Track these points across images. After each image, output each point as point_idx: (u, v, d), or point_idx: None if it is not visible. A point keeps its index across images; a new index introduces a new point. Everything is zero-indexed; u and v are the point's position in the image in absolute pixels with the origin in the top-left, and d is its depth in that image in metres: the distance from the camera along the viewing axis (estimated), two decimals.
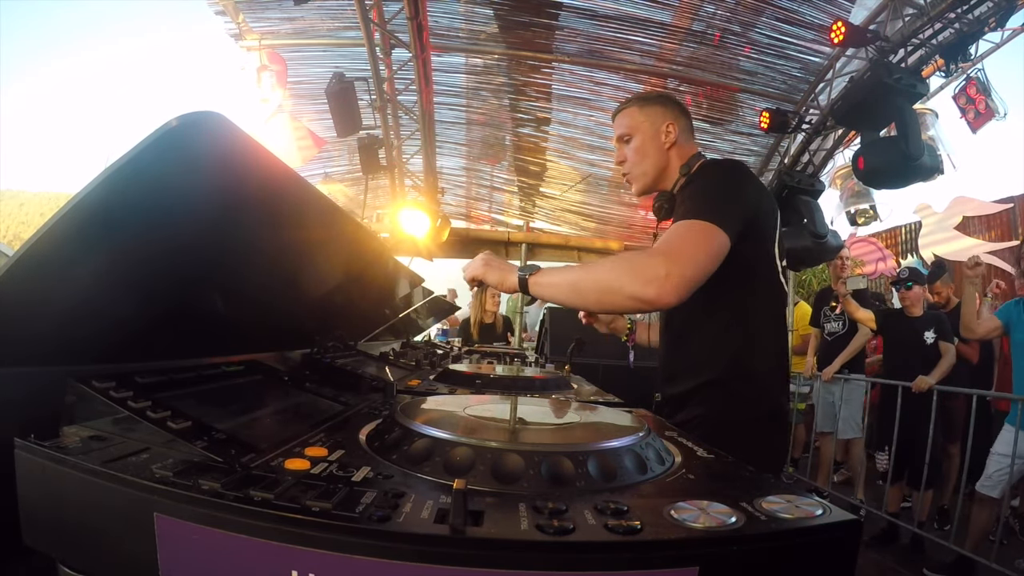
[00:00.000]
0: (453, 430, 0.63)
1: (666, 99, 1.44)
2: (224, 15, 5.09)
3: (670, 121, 1.38)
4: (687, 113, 1.43)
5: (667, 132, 1.37)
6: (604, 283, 1.07)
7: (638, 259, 1.08)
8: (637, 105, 1.41)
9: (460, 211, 7.98)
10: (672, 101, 1.44)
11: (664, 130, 1.37)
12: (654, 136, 1.38)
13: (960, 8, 3.61)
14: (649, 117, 1.38)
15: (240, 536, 0.44)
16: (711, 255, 1.09)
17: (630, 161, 1.40)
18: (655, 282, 1.02)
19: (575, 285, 1.11)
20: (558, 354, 2.57)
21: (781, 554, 0.46)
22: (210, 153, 0.62)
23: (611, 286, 1.06)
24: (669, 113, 1.39)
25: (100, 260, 0.62)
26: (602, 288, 1.08)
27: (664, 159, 1.38)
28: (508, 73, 5.69)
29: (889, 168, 3.78)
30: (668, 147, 1.38)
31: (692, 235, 1.10)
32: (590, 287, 1.10)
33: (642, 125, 1.39)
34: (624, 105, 1.44)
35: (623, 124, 1.41)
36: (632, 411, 1.03)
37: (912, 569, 3.10)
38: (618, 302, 1.07)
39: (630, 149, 1.40)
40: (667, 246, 1.08)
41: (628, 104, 1.43)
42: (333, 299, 1.41)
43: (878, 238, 8.55)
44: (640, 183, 1.41)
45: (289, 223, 0.92)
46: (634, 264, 1.07)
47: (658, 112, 1.39)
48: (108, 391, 0.63)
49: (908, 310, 3.63)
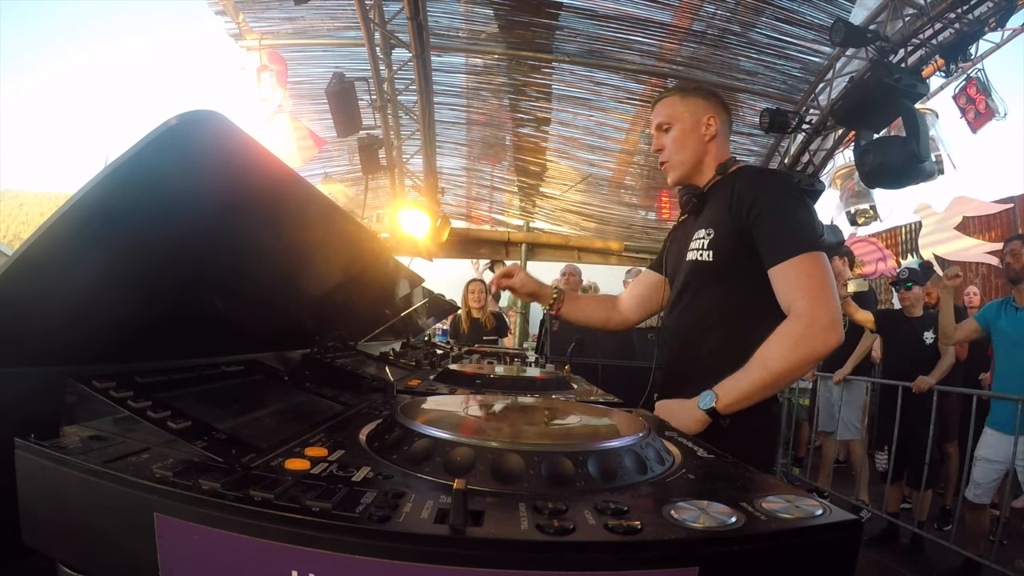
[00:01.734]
0: (453, 430, 0.63)
1: (709, 92, 1.43)
2: (224, 15, 5.09)
3: (712, 114, 1.36)
4: (728, 110, 1.42)
5: (708, 125, 1.36)
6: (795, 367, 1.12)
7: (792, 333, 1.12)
8: (679, 94, 1.40)
9: (460, 211, 7.98)
10: (715, 95, 1.42)
11: (705, 122, 1.36)
12: (694, 127, 1.36)
13: (960, 8, 3.61)
14: (690, 108, 1.37)
15: (240, 536, 0.44)
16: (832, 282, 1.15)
17: (668, 150, 1.38)
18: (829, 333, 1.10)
19: (770, 386, 1.14)
20: (558, 354, 2.57)
21: (781, 554, 0.46)
22: (210, 152, 0.62)
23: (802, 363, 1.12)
24: (711, 106, 1.37)
25: (100, 260, 0.62)
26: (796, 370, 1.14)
27: (703, 151, 1.36)
28: (508, 73, 5.69)
29: (896, 167, 3.78)
30: (708, 140, 1.36)
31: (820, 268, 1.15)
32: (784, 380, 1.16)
33: (683, 115, 1.37)
34: (666, 93, 1.42)
35: (663, 112, 1.39)
36: (632, 411, 1.03)
37: (913, 569, 3.10)
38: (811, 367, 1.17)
39: (669, 138, 1.38)
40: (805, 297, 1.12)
41: (670, 92, 1.42)
42: (333, 299, 1.41)
43: (878, 238, 8.55)
44: (677, 172, 1.39)
45: (289, 223, 0.92)
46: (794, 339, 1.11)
47: (700, 104, 1.37)
48: (108, 391, 0.63)
49: (908, 311, 3.63)
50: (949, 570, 3.02)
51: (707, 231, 1.27)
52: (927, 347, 3.53)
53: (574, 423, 0.83)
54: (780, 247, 1.16)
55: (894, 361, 3.69)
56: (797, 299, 1.12)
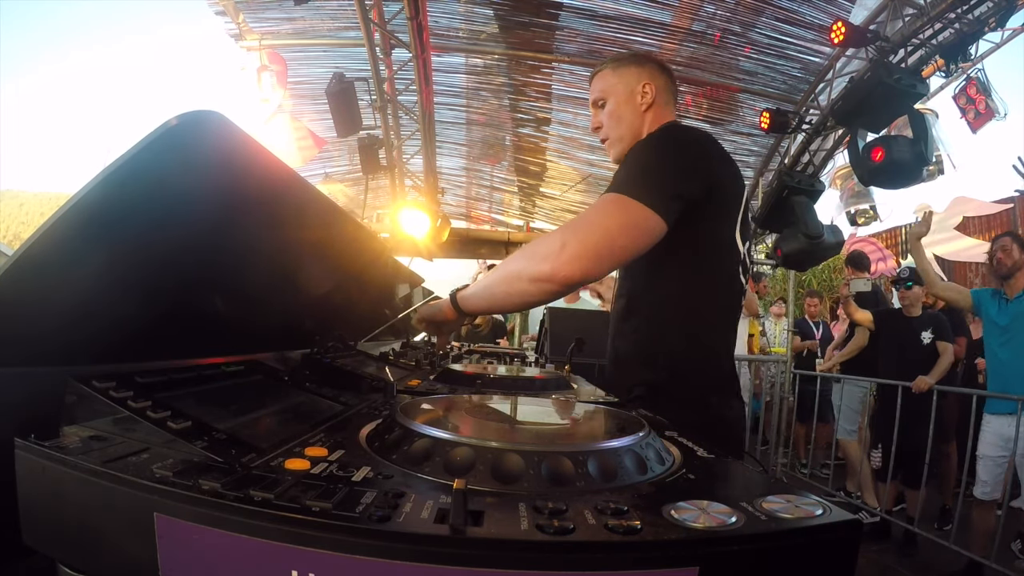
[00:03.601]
0: (453, 430, 0.63)
1: (642, 58, 1.34)
2: (224, 15, 5.09)
3: (646, 81, 1.27)
4: (667, 72, 1.32)
5: (643, 93, 1.26)
6: (508, 273, 1.00)
7: (536, 241, 1.00)
8: (611, 67, 1.32)
9: (460, 211, 7.99)
10: (650, 60, 1.34)
11: (640, 91, 1.26)
12: (628, 98, 1.27)
13: (960, 8, 3.61)
14: (623, 79, 1.28)
15: (240, 536, 0.44)
16: (625, 230, 0.98)
17: (606, 126, 1.30)
18: (549, 257, 0.94)
19: (488, 287, 1.05)
20: (558, 354, 2.56)
21: (781, 554, 0.46)
22: (210, 153, 0.62)
23: (512, 273, 0.99)
24: (644, 73, 1.28)
25: (100, 260, 0.62)
26: (507, 279, 1.00)
27: (640, 122, 1.27)
28: (508, 73, 5.69)
29: (903, 166, 3.78)
30: (644, 109, 1.26)
31: (603, 207, 1.00)
32: (497, 283, 1.02)
33: (616, 87, 1.29)
34: (598, 68, 1.35)
35: (597, 88, 1.32)
36: (632, 411, 1.03)
37: (912, 569, 3.10)
38: (522, 290, 0.98)
39: (605, 113, 1.30)
40: (571, 220, 1.02)
41: (602, 66, 1.34)
42: (333, 299, 1.41)
43: (878, 238, 8.56)
44: (617, 148, 1.29)
45: (289, 223, 0.92)
46: (531, 245, 1.00)
47: (632, 72, 1.28)
48: (108, 391, 0.63)
49: (907, 310, 3.63)
50: (951, 571, 3.01)
51: None
52: (925, 347, 3.54)
53: (574, 423, 0.83)
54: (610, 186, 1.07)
55: (892, 360, 3.70)
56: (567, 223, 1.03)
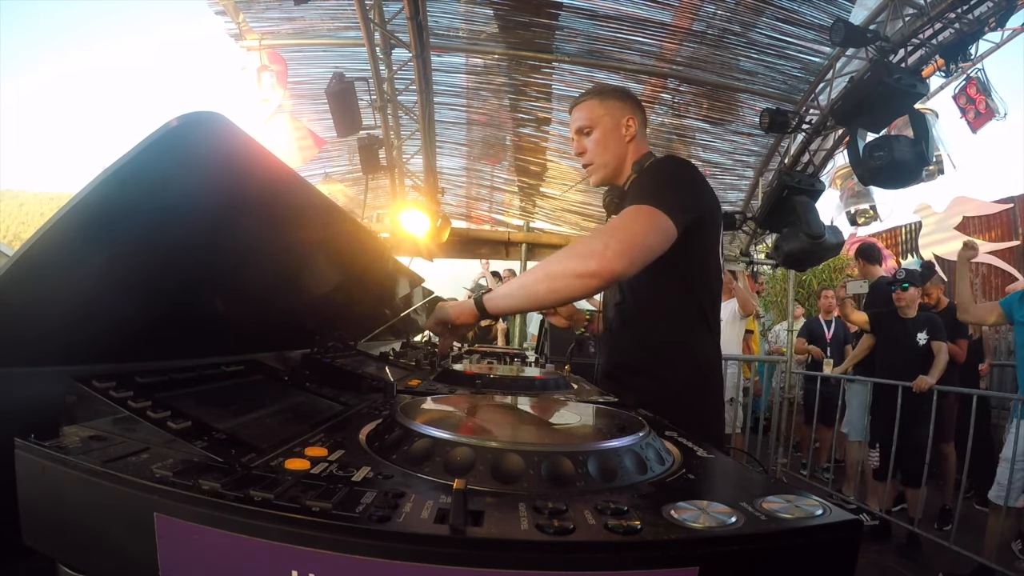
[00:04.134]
0: (453, 430, 0.63)
1: (624, 93, 1.46)
2: (224, 15, 5.09)
3: (629, 116, 1.40)
4: (643, 109, 1.46)
5: (627, 126, 1.40)
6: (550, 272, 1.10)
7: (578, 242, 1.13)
8: (597, 98, 1.42)
9: (460, 211, 7.98)
10: (630, 96, 1.46)
11: (624, 123, 1.40)
12: (614, 129, 1.40)
13: (960, 8, 3.61)
14: (609, 110, 1.40)
15: (240, 536, 0.44)
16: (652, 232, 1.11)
17: (591, 152, 1.42)
18: (595, 255, 1.06)
19: (526, 287, 1.13)
20: (558, 354, 2.57)
21: (781, 554, 0.46)
22: (210, 153, 0.62)
23: (556, 272, 1.09)
24: (628, 108, 1.41)
25: (100, 260, 0.62)
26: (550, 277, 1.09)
27: (623, 152, 1.41)
28: (508, 73, 5.69)
29: (903, 166, 3.78)
30: (628, 140, 1.41)
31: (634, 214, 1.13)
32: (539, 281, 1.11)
33: (603, 118, 1.40)
34: (583, 97, 1.45)
35: (582, 116, 1.42)
36: (632, 411, 1.03)
37: (913, 570, 3.10)
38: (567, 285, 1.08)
39: (590, 141, 1.42)
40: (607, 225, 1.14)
41: (587, 96, 1.44)
42: (333, 299, 1.41)
43: (878, 238, 8.56)
44: (600, 174, 1.44)
45: (289, 223, 0.92)
46: (574, 247, 1.12)
47: (617, 106, 1.41)
48: (108, 391, 0.63)
49: (902, 311, 3.63)
50: (952, 572, 3.01)
51: None
52: (920, 348, 3.54)
53: (574, 423, 0.83)
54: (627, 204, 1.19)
55: (888, 362, 3.70)
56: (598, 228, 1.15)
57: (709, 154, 6.14)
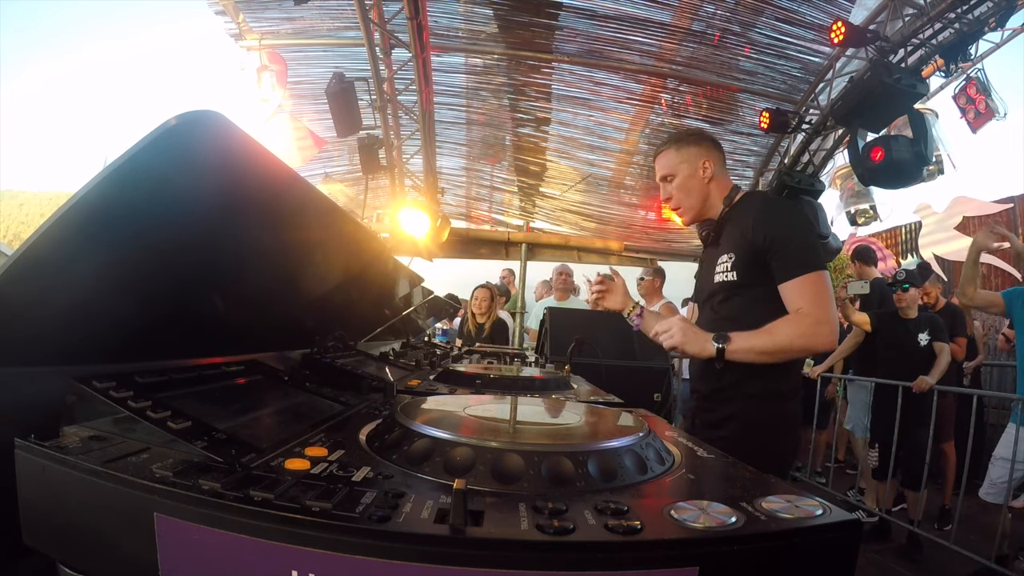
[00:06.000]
0: (453, 430, 0.63)
1: (700, 137, 1.57)
2: (224, 15, 5.09)
3: (705, 159, 1.52)
4: (720, 147, 1.57)
5: (704, 168, 1.52)
6: (784, 348, 1.32)
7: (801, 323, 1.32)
8: (674, 147, 1.54)
9: (460, 211, 7.97)
10: (705, 137, 1.57)
11: (701, 166, 1.52)
12: (693, 174, 1.52)
13: (960, 8, 3.61)
14: (686, 158, 1.52)
15: (240, 536, 0.44)
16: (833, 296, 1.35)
17: (676, 198, 1.55)
18: (830, 336, 1.31)
19: (767, 352, 1.33)
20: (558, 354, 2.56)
21: (781, 554, 0.46)
22: (210, 153, 0.62)
23: (790, 348, 1.32)
24: (702, 151, 1.53)
25: (100, 260, 0.62)
26: (783, 351, 1.33)
27: (706, 191, 1.53)
28: (508, 73, 5.69)
29: (902, 166, 3.78)
30: (708, 181, 1.52)
31: (822, 287, 1.34)
32: (775, 353, 1.33)
33: (681, 166, 1.52)
34: (662, 147, 1.57)
35: (664, 166, 1.55)
36: (632, 411, 1.03)
37: (912, 570, 3.10)
38: (802, 355, 1.41)
39: (674, 188, 1.54)
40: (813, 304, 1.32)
41: (666, 146, 1.56)
42: (333, 299, 1.41)
43: (878, 238, 8.56)
44: (689, 215, 1.56)
45: (289, 223, 0.92)
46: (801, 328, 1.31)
47: (693, 152, 1.52)
48: (108, 391, 0.63)
49: (903, 312, 3.63)
50: (953, 572, 3.01)
51: (729, 255, 1.44)
52: (922, 348, 3.53)
53: (574, 423, 0.83)
54: (791, 266, 1.35)
55: (889, 362, 3.69)
56: (805, 303, 1.32)
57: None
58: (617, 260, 7.33)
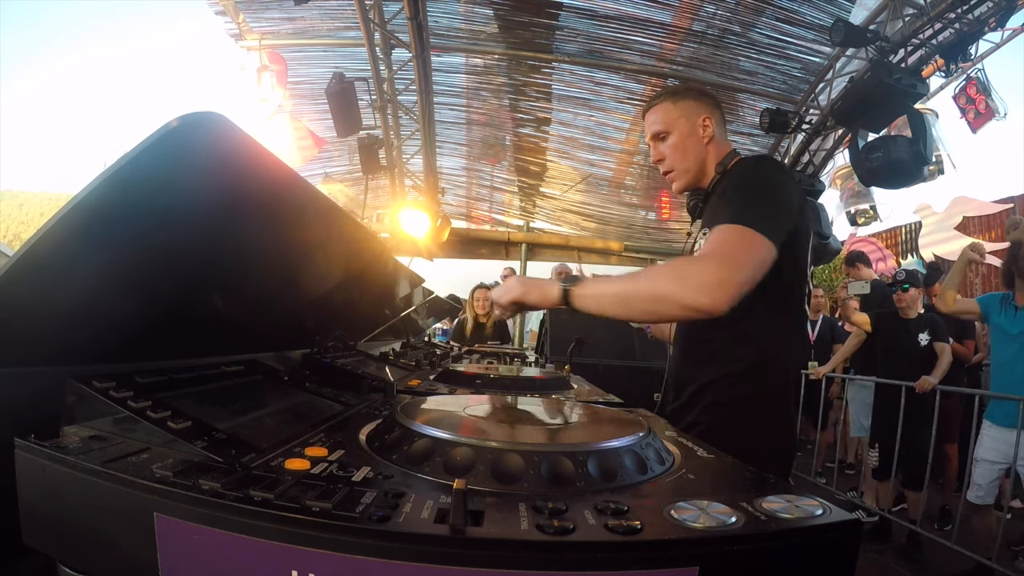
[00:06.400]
0: (453, 430, 0.63)
1: (699, 91, 1.36)
2: (224, 15, 5.09)
3: (706, 115, 1.31)
4: (720, 106, 1.36)
5: (704, 126, 1.30)
6: (654, 293, 1.02)
7: (689, 267, 1.04)
8: (671, 100, 1.33)
9: (460, 211, 7.98)
10: (705, 92, 1.37)
11: (701, 123, 1.30)
12: (692, 131, 1.30)
13: (960, 8, 3.61)
14: (684, 112, 1.30)
15: (240, 536, 0.44)
16: (759, 265, 1.03)
17: (670, 159, 1.32)
18: (708, 290, 0.97)
19: (622, 297, 1.05)
20: (558, 354, 2.57)
21: (781, 554, 0.46)
22: (211, 153, 0.62)
23: (661, 295, 1.00)
24: (703, 106, 1.32)
25: (101, 260, 0.62)
26: (653, 298, 1.02)
27: (704, 154, 1.31)
28: (508, 73, 5.69)
29: (902, 166, 3.78)
30: (707, 142, 1.31)
31: (742, 242, 1.04)
32: (639, 298, 1.03)
33: (678, 121, 1.31)
34: (656, 100, 1.35)
35: (658, 120, 1.32)
36: (632, 411, 1.03)
37: (912, 569, 3.10)
38: (668, 311, 1.01)
39: (667, 146, 1.32)
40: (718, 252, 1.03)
41: (660, 99, 1.34)
42: (333, 299, 1.41)
43: (878, 238, 8.56)
44: (683, 180, 1.34)
45: (289, 223, 0.92)
46: (686, 272, 1.02)
47: (692, 106, 1.31)
48: (108, 391, 0.63)
49: (903, 312, 3.63)
50: (954, 572, 3.01)
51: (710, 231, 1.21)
52: (922, 349, 3.53)
53: (574, 423, 0.83)
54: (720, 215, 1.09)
55: (889, 363, 3.69)
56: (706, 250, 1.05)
57: None
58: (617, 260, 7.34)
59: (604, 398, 1.28)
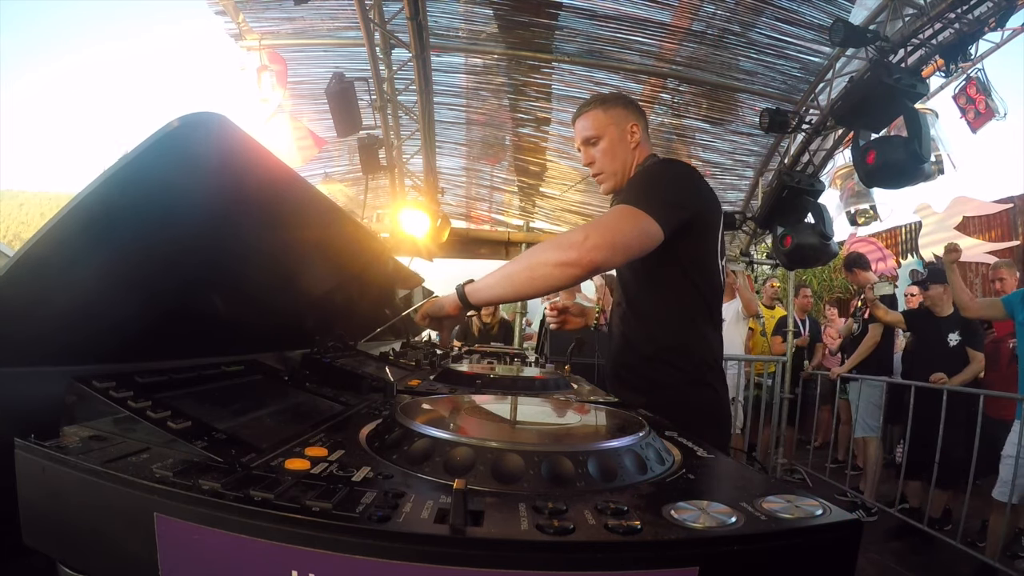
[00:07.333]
0: (453, 430, 0.63)
1: (625, 99, 1.47)
2: (224, 15, 5.08)
3: (633, 122, 1.42)
4: (643, 113, 1.48)
5: (632, 132, 1.42)
6: (531, 263, 1.12)
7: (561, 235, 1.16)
8: (600, 107, 1.43)
9: (460, 211, 7.98)
10: (630, 101, 1.47)
11: (629, 130, 1.42)
12: (621, 137, 1.42)
13: (960, 8, 3.60)
14: (615, 120, 1.42)
15: (240, 536, 0.44)
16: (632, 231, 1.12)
17: (600, 162, 1.44)
18: (575, 246, 1.08)
19: (507, 276, 1.15)
20: (558, 354, 2.56)
21: (781, 554, 0.46)
22: (211, 154, 0.62)
23: (536, 262, 1.11)
24: (631, 114, 1.43)
25: (101, 260, 0.62)
26: (531, 267, 1.11)
27: (631, 158, 1.43)
28: (508, 73, 5.68)
29: (899, 166, 3.78)
30: (634, 147, 1.43)
31: (617, 213, 1.15)
32: (520, 271, 1.13)
33: (608, 127, 1.42)
34: (587, 107, 1.45)
35: (588, 127, 1.43)
36: (632, 411, 1.03)
37: (913, 569, 3.10)
38: (546, 274, 1.10)
39: (598, 151, 1.43)
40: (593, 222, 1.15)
41: (591, 106, 1.44)
42: (333, 299, 1.41)
43: (878, 238, 8.57)
44: (611, 182, 1.46)
45: (289, 223, 0.92)
46: (554, 239, 1.14)
47: (622, 113, 1.42)
48: (108, 391, 0.63)
49: (934, 310, 3.61)
50: (954, 571, 3.01)
51: None
52: (951, 349, 3.48)
53: (574, 423, 0.83)
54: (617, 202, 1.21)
55: (919, 361, 3.66)
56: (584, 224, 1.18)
57: (709, 154, 6.13)
58: None
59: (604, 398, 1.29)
